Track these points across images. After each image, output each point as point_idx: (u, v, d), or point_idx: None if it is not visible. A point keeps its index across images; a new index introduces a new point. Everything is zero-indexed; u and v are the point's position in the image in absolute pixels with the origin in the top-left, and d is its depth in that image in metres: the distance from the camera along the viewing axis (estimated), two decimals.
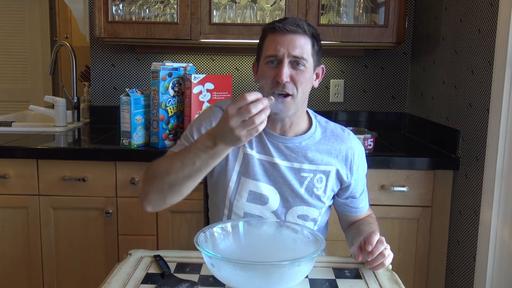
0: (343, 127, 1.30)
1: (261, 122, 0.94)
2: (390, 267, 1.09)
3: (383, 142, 2.07)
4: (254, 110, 0.92)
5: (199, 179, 1.07)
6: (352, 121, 2.43)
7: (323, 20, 2.12)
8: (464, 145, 1.75)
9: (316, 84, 1.23)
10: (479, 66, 1.65)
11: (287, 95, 1.14)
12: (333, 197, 1.31)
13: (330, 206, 1.34)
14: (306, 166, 1.22)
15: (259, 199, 1.21)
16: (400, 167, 1.78)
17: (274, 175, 1.21)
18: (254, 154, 1.21)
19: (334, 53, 2.39)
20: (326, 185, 1.23)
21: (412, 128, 2.34)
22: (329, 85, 2.44)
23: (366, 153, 1.80)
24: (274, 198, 1.22)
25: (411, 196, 1.80)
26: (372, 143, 1.81)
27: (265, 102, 0.94)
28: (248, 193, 1.21)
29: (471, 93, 1.71)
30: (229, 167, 1.22)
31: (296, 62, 1.14)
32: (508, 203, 1.50)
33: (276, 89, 1.13)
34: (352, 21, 2.13)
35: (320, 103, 2.45)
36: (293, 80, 1.13)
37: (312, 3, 2.03)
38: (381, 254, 1.02)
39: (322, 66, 1.25)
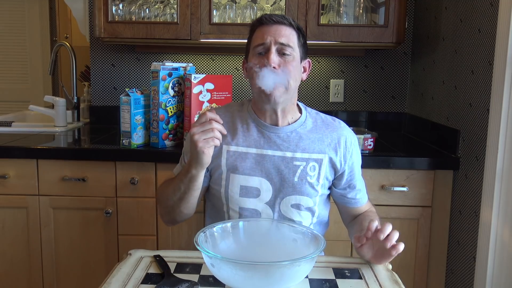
0: (334, 117, 1.33)
1: (217, 137, 1.11)
2: (390, 267, 1.09)
3: (383, 142, 2.07)
4: (211, 125, 1.10)
5: (191, 199, 1.22)
6: (352, 121, 2.42)
7: (323, 20, 2.12)
8: (464, 145, 1.75)
9: (304, 76, 1.27)
10: (479, 66, 1.65)
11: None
12: (330, 188, 1.31)
13: (328, 197, 1.35)
14: (298, 154, 1.23)
15: (251, 192, 1.23)
16: (400, 167, 1.78)
17: (265, 166, 1.23)
18: (242, 149, 1.24)
19: (334, 53, 2.39)
20: (319, 173, 1.24)
21: (412, 128, 2.34)
22: (329, 85, 2.44)
23: (366, 153, 1.81)
24: (266, 189, 1.23)
25: (411, 196, 1.80)
26: (372, 143, 1.81)
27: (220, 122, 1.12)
28: (239, 188, 1.23)
29: (471, 93, 1.71)
30: (218, 167, 1.25)
31: (283, 51, 1.17)
32: (508, 203, 1.50)
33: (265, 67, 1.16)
34: (352, 21, 2.13)
35: (320, 103, 2.45)
36: (282, 68, 1.17)
37: (312, 3, 2.03)
38: (392, 243, 1.01)
39: (309, 60, 1.28)
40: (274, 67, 1.16)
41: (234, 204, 1.25)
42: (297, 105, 1.30)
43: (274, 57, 1.16)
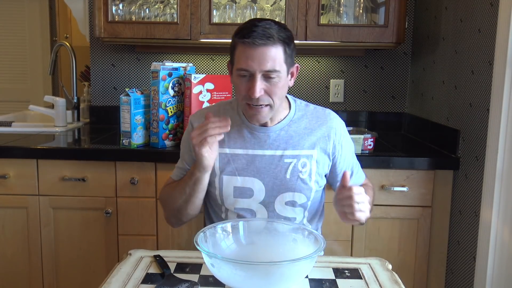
0: (324, 108, 1.34)
1: (211, 135, 1.12)
2: (390, 267, 1.09)
3: (383, 142, 2.07)
4: (210, 125, 1.12)
5: (196, 200, 1.24)
6: (352, 121, 2.42)
7: (323, 20, 2.12)
8: (464, 145, 1.75)
9: (291, 83, 1.24)
10: (479, 66, 1.65)
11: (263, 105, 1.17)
12: (328, 179, 1.33)
13: (323, 191, 1.36)
14: (288, 152, 1.25)
15: (245, 193, 1.25)
16: (400, 167, 1.78)
17: (257, 166, 1.24)
18: (234, 151, 1.26)
19: (334, 53, 2.39)
20: (310, 169, 1.25)
21: (412, 128, 2.34)
22: (329, 85, 2.44)
23: (366, 153, 1.81)
24: (259, 189, 1.25)
25: (411, 196, 1.80)
26: (372, 143, 1.81)
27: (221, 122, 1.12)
28: (233, 190, 1.25)
29: (471, 93, 1.71)
30: (213, 170, 1.26)
31: (268, 75, 1.14)
32: (508, 203, 1.50)
33: (250, 102, 1.16)
34: (352, 21, 2.13)
35: (320, 103, 2.44)
36: (267, 92, 1.15)
37: (312, 3, 2.03)
38: (351, 200, 1.05)
39: (297, 65, 1.25)
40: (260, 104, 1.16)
41: (230, 205, 1.27)
42: (286, 97, 1.30)
43: (258, 87, 1.13)
